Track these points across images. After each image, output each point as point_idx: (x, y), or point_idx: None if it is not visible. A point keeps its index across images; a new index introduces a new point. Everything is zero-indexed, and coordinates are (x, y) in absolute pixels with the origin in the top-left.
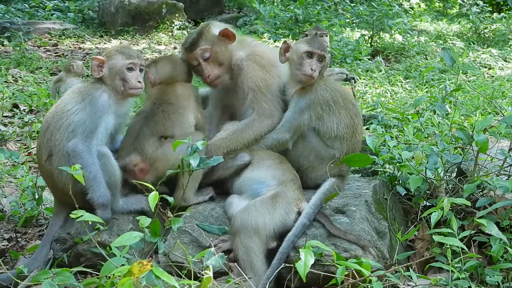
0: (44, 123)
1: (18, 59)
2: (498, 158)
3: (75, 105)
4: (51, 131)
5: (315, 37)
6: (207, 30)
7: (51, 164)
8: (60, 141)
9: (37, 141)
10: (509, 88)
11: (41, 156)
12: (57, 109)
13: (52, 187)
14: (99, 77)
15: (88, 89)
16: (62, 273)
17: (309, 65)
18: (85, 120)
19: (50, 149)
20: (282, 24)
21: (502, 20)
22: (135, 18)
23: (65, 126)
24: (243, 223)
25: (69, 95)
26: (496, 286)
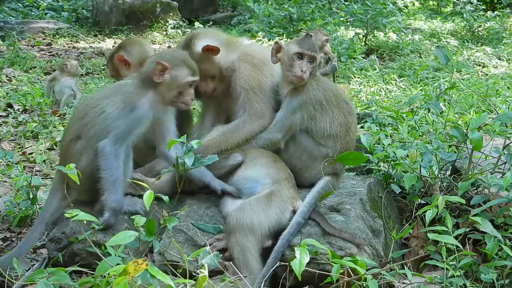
0: (81, 109)
1: (12, 59)
2: (492, 156)
3: (116, 110)
4: (87, 121)
5: (306, 38)
6: (191, 50)
7: (75, 147)
8: (92, 130)
9: (69, 121)
10: (503, 86)
11: (68, 136)
12: (98, 103)
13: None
14: (142, 79)
15: (132, 95)
16: (57, 273)
17: (299, 67)
18: (121, 126)
19: (79, 134)
20: (276, 23)
21: (496, 18)
22: (129, 17)
23: (101, 123)
24: (238, 222)
25: (112, 95)
26: (491, 284)
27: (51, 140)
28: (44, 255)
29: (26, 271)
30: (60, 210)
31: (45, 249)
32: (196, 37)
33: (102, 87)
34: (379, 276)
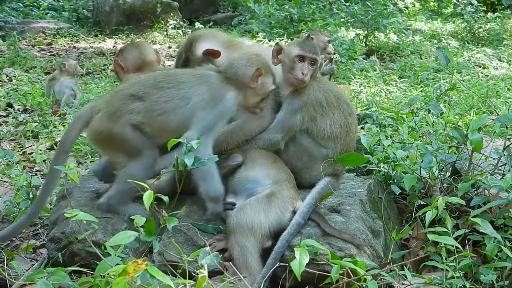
0: (158, 77)
1: (13, 58)
2: (492, 157)
3: (202, 101)
4: (162, 94)
5: (307, 40)
6: (192, 53)
7: (130, 104)
8: (164, 107)
9: (133, 78)
10: (503, 87)
11: (129, 88)
12: (181, 87)
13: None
14: (228, 77)
15: (218, 88)
16: (57, 273)
17: (300, 69)
18: (207, 117)
19: (142, 96)
20: (277, 24)
21: (497, 19)
22: (130, 17)
23: (183, 108)
24: (238, 222)
25: (196, 83)
26: (491, 285)
27: (51, 140)
28: (43, 255)
29: (25, 270)
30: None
31: (45, 249)
32: (197, 40)
33: (103, 87)
34: (379, 277)
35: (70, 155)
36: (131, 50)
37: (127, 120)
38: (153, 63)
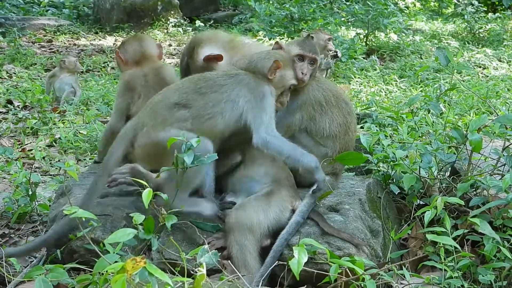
0: (199, 82)
1: (13, 55)
2: (491, 158)
3: (247, 103)
4: (207, 100)
5: (307, 40)
6: (193, 59)
7: (176, 112)
8: (212, 111)
9: (173, 84)
10: (503, 88)
11: (172, 97)
12: (224, 90)
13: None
14: (252, 72)
15: (256, 85)
16: (55, 270)
17: (300, 69)
18: (261, 114)
19: (187, 103)
20: (277, 22)
21: (497, 20)
22: (130, 15)
23: (230, 111)
24: (237, 220)
25: (235, 86)
26: (489, 285)
27: (51, 137)
28: (42, 252)
29: (24, 267)
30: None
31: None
32: (199, 45)
33: (103, 85)
34: (377, 276)
35: (70, 152)
36: (132, 43)
37: (175, 129)
38: (153, 57)
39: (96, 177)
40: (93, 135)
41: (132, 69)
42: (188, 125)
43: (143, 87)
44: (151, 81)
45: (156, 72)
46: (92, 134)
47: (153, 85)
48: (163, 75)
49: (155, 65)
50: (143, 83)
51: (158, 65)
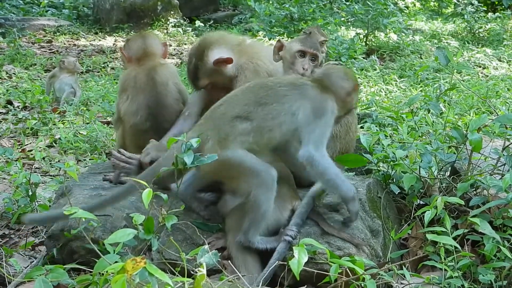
0: (260, 93)
1: (13, 56)
2: (491, 157)
3: (306, 117)
4: (268, 111)
5: (308, 36)
6: (203, 62)
7: (238, 125)
8: (272, 124)
9: (236, 95)
10: (503, 87)
11: (234, 109)
12: (285, 102)
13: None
14: (324, 86)
15: (319, 100)
16: (55, 270)
17: (301, 64)
18: (315, 130)
19: (249, 115)
20: (277, 22)
21: (497, 19)
22: (130, 15)
23: (289, 123)
24: (237, 221)
25: (297, 97)
26: (489, 285)
27: (51, 137)
28: (42, 252)
29: (24, 268)
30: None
31: (43, 246)
32: (208, 48)
33: (102, 85)
34: (377, 276)
35: (70, 153)
36: (136, 40)
37: (239, 143)
38: (155, 56)
39: (145, 173)
40: (93, 136)
41: (131, 68)
42: (250, 139)
43: (132, 88)
44: (140, 82)
45: (148, 73)
46: (92, 135)
47: (141, 86)
48: (155, 76)
49: (152, 65)
50: (132, 84)
51: (156, 64)
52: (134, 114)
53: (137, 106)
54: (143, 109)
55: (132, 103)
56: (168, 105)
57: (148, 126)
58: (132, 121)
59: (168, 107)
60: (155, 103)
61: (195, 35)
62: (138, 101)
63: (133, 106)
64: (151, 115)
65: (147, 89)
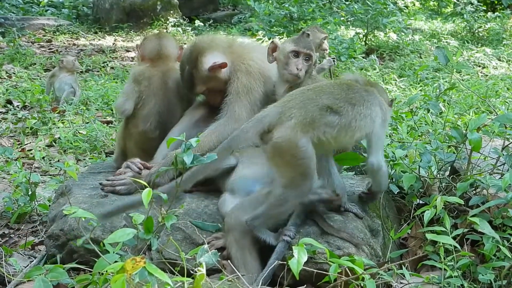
0: (353, 94)
1: (12, 55)
2: (491, 157)
3: (379, 123)
4: (354, 107)
5: (302, 36)
6: (197, 69)
7: (326, 116)
8: (357, 121)
9: (327, 84)
10: (503, 87)
11: (322, 100)
12: (366, 106)
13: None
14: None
15: (384, 108)
16: (55, 270)
17: (295, 64)
18: (382, 137)
19: (338, 109)
20: (276, 22)
21: (496, 19)
22: (130, 15)
23: (365, 127)
24: (237, 220)
25: (373, 104)
26: (489, 284)
27: (51, 136)
28: (42, 252)
29: (24, 267)
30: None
31: (43, 246)
32: (201, 54)
33: (102, 84)
34: (377, 276)
35: (70, 152)
36: (152, 40)
37: (321, 133)
38: (169, 58)
39: (220, 148)
40: (92, 135)
41: (145, 66)
42: (334, 132)
43: (146, 88)
44: (153, 85)
45: (162, 76)
46: (91, 134)
47: (154, 90)
48: (168, 79)
49: (167, 67)
50: (146, 84)
51: (170, 68)
52: (144, 121)
53: (147, 111)
54: (154, 116)
55: (143, 107)
56: (178, 114)
57: (157, 135)
58: (142, 127)
59: (178, 116)
60: (165, 110)
61: (194, 35)
62: (149, 106)
63: (144, 110)
64: (160, 123)
65: (159, 95)
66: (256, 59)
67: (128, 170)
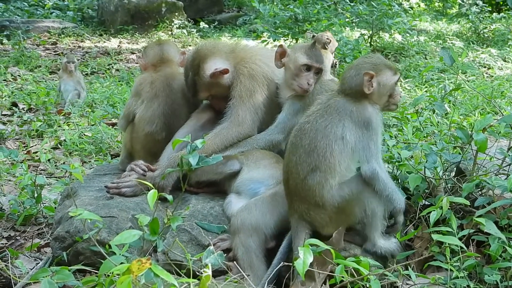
0: (305, 143)
1: (17, 58)
2: (497, 158)
3: (353, 135)
4: (318, 151)
5: (313, 48)
6: (199, 76)
7: (313, 180)
8: (332, 158)
9: (291, 158)
10: (508, 87)
11: (301, 172)
12: (327, 131)
13: (306, 202)
14: (350, 94)
15: (358, 112)
16: (61, 272)
17: (306, 79)
18: (369, 145)
19: (314, 167)
20: (281, 24)
21: (502, 20)
22: (135, 17)
23: (343, 149)
24: (243, 222)
25: (336, 118)
26: (495, 285)
27: (56, 139)
28: (48, 254)
29: (30, 269)
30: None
31: (49, 248)
32: (203, 61)
33: (107, 87)
34: (383, 277)
35: (75, 154)
36: (153, 47)
37: (331, 190)
38: (171, 63)
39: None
40: (98, 137)
41: (147, 73)
42: (335, 183)
43: (147, 93)
44: (156, 88)
45: (165, 79)
46: (97, 136)
47: (156, 92)
48: (172, 83)
49: (170, 71)
50: (148, 89)
51: (173, 72)
52: (149, 123)
53: (151, 113)
54: (159, 118)
55: (147, 109)
56: (184, 115)
57: (163, 136)
58: (147, 129)
59: (184, 117)
60: (170, 112)
61: (199, 37)
62: (153, 107)
63: (148, 112)
64: (166, 125)
65: (162, 96)
66: (259, 62)
67: (133, 172)
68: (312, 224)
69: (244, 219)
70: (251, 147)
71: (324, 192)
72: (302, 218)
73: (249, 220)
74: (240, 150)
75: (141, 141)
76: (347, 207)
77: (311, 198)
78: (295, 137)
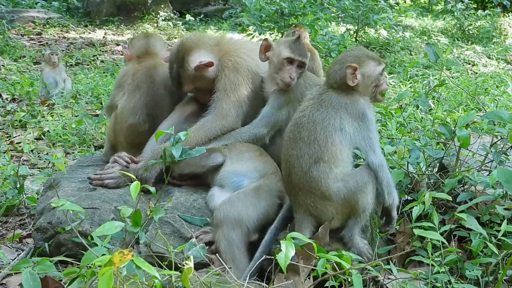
0: (304, 135)
1: (2, 48)
2: (479, 154)
3: (352, 127)
4: (319, 142)
5: (296, 42)
6: (184, 68)
7: (317, 171)
8: (333, 149)
9: (291, 152)
10: (492, 84)
11: (303, 164)
12: (325, 123)
13: (312, 194)
14: (338, 88)
15: (352, 105)
16: (43, 263)
17: (288, 73)
18: (370, 136)
19: (317, 158)
20: (267, 17)
21: (487, 17)
22: (120, 9)
23: (342, 139)
24: (226, 215)
25: (333, 111)
26: (476, 280)
27: (39, 130)
28: (30, 245)
29: (11, 260)
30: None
31: (31, 239)
32: (188, 54)
33: (92, 78)
34: (365, 271)
35: (58, 145)
36: (140, 38)
37: (340, 179)
38: (156, 55)
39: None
40: (81, 128)
41: (130, 65)
42: (338, 172)
43: (129, 85)
44: (138, 79)
45: (147, 71)
46: (80, 128)
47: (138, 83)
48: (154, 74)
49: (153, 63)
50: (130, 81)
51: (156, 63)
52: (132, 114)
53: (134, 105)
54: (141, 109)
55: (129, 101)
56: (167, 107)
57: (146, 128)
58: (130, 121)
59: (167, 109)
60: (153, 103)
61: (185, 29)
62: (135, 99)
63: (130, 103)
64: (149, 116)
65: (144, 88)
66: (243, 55)
67: (116, 164)
68: (319, 218)
69: (227, 212)
70: (235, 140)
71: (329, 182)
72: (309, 213)
73: (232, 213)
74: (224, 143)
75: (124, 133)
76: (353, 199)
77: (316, 189)
78: (292, 132)
